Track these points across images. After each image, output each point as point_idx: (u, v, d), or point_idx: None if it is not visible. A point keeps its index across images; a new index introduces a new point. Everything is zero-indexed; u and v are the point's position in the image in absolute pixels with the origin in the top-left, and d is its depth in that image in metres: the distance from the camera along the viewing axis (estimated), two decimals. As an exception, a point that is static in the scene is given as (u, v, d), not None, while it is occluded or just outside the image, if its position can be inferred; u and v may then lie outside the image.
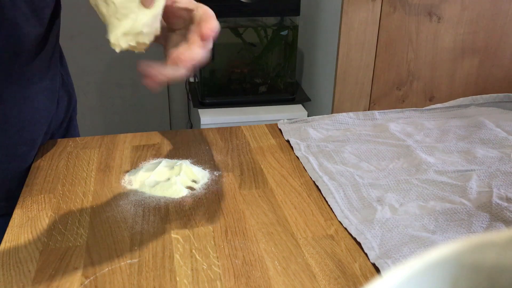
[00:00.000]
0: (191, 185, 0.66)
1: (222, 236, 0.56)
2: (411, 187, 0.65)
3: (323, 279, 0.50)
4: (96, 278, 0.50)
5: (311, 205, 0.62)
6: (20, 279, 0.49)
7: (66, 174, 0.68)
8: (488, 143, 0.77)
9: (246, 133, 0.81)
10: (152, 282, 0.49)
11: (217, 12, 0.54)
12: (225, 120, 1.69)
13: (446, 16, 1.57)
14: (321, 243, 0.55)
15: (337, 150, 0.74)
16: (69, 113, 0.85)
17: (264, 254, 0.53)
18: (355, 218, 0.59)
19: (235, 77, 1.83)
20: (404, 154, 0.73)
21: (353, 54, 1.57)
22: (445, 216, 0.59)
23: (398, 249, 0.53)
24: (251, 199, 0.63)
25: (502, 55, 1.67)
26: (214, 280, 0.50)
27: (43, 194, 0.64)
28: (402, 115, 0.87)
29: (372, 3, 1.51)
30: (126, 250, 0.54)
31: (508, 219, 0.58)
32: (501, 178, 0.66)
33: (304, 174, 0.69)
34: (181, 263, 0.52)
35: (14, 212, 0.60)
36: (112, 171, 0.69)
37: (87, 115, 2.13)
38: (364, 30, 1.55)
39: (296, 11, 1.72)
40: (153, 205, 0.62)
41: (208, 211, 0.61)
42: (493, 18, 1.60)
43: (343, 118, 0.84)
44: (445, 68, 1.65)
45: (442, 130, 0.81)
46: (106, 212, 0.60)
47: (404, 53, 1.61)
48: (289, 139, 0.78)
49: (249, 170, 0.70)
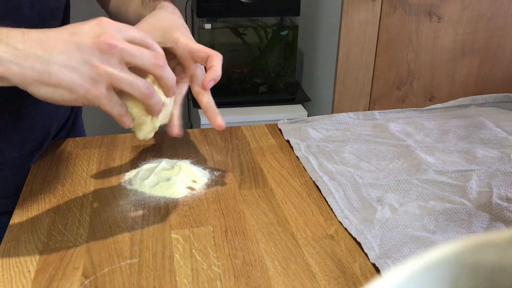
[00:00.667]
0: (191, 185, 0.66)
1: (222, 236, 0.56)
2: (411, 187, 0.65)
3: (323, 279, 0.50)
4: (96, 278, 0.50)
5: (311, 205, 0.62)
6: (20, 279, 0.49)
7: (66, 174, 0.68)
8: (488, 143, 0.77)
9: (246, 133, 0.81)
10: (152, 282, 0.49)
11: (217, 12, 0.56)
12: (225, 120, 1.69)
13: (446, 16, 1.57)
14: (321, 243, 0.55)
15: (337, 150, 0.74)
16: (74, 111, 0.86)
17: (264, 254, 0.53)
18: (355, 218, 0.59)
19: (235, 77, 1.83)
20: (404, 154, 0.73)
21: (353, 54, 1.57)
22: (445, 216, 0.59)
23: (398, 249, 0.53)
24: (251, 199, 0.63)
25: (502, 55, 1.67)
26: (214, 280, 0.50)
27: (43, 194, 0.64)
28: (402, 115, 0.87)
29: (372, 3, 1.51)
30: (126, 250, 0.54)
31: (508, 219, 0.58)
32: (501, 178, 0.66)
33: (304, 174, 0.69)
34: (181, 263, 0.52)
35: (14, 212, 0.60)
36: (112, 171, 0.69)
37: (87, 115, 2.12)
38: (364, 30, 1.55)
39: (296, 11, 1.72)
40: (153, 205, 0.62)
41: (208, 211, 0.61)
42: (493, 18, 1.60)
43: (343, 118, 0.84)
44: (445, 68, 1.65)
45: (442, 130, 0.81)
46: (106, 212, 0.60)
47: (404, 53, 1.61)
48: (289, 139, 0.78)
49: (249, 170, 0.70)
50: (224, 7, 1.66)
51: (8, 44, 0.47)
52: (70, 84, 0.48)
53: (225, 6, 1.66)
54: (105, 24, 0.49)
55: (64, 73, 0.47)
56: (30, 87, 0.48)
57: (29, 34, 0.48)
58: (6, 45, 0.47)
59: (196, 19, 1.72)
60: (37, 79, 0.47)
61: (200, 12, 1.66)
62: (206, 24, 1.68)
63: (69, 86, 0.48)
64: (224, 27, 1.75)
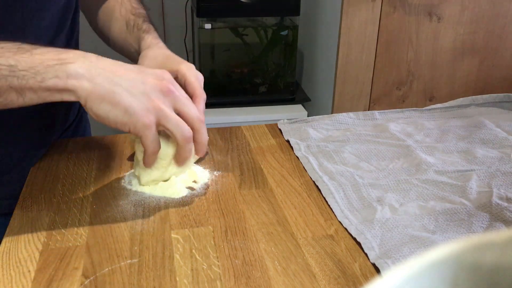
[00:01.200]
0: (191, 185, 0.66)
1: (222, 236, 0.56)
2: (411, 187, 0.65)
3: (323, 279, 0.50)
4: (96, 278, 0.50)
5: (311, 205, 0.62)
6: (20, 279, 0.49)
7: (66, 174, 0.68)
8: (488, 143, 0.77)
9: (246, 133, 0.81)
10: (152, 282, 0.49)
11: (217, 12, 0.58)
12: (225, 120, 1.69)
13: (446, 16, 1.57)
14: (321, 243, 0.55)
15: (337, 150, 0.74)
16: (80, 112, 0.88)
17: (264, 254, 0.53)
18: (355, 218, 0.59)
19: (235, 77, 1.83)
20: (404, 154, 0.73)
21: (353, 54, 1.57)
22: (445, 216, 0.59)
23: (398, 249, 0.53)
24: (251, 199, 0.63)
25: (502, 55, 1.67)
26: (214, 280, 0.50)
27: (43, 194, 0.64)
28: (402, 115, 0.87)
29: (372, 3, 1.51)
30: (126, 250, 0.54)
31: (508, 219, 0.58)
32: (501, 178, 0.66)
33: (304, 174, 0.69)
34: (181, 263, 0.52)
35: (14, 212, 0.60)
36: (112, 171, 0.69)
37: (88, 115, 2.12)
38: (364, 30, 1.55)
39: (296, 11, 1.72)
40: (153, 205, 0.62)
41: (208, 211, 0.61)
42: (493, 18, 1.60)
43: (343, 118, 0.84)
44: (445, 68, 1.65)
45: (442, 130, 0.81)
46: (106, 212, 0.60)
47: (404, 53, 1.61)
48: (289, 139, 0.78)
49: (249, 170, 0.70)
50: (224, 7, 1.66)
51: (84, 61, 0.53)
52: (128, 106, 0.54)
53: (225, 6, 1.66)
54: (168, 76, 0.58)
55: (126, 96, 0.54)
56: (91, 103, 0.53)
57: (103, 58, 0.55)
58: (83, 62, 0.53)
59: (196, 19, 1.72)
60: (101, 95, 0.53)
61: (200, 12, 1.66)
62: (206, 24, 1.68)
63: (126, 107, 0.53)
64: (224, 27, 1.75)
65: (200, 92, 0.66)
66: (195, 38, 1.94)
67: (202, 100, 0.66)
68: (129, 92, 0.54)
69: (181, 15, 2.09)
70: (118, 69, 0.55)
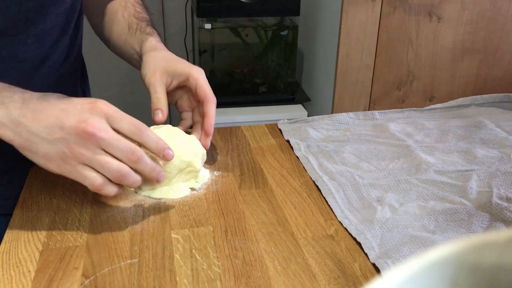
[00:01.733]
0: (191, 185, 0.66)
1: (222, 236, 0.56)
2: (411, 187, 0.65)
3: (323, 279, 0.50)
4: (96, 278, 0.50)
5: (311, 205, 0.62)
6: (20, 279, 0.49)
7: (66, 174, 0.68)
8: (488, 143, 0.77)
9: (246, 133, 0.81)
10: (152, 282, 0.49)
11: (217, 12, 0.57)
12: (225, 120, 1.69)
13: (446, 16, 1.57)
14: (321, 243, 0.55)
15: (337, 150, 0.74)
16: None
17: (264, 254, 0.53)
18: (355, 218, 0.59)
19: (235, 77, 1.83)
20: (404, 154, 0.73)
21: (353, 54, 1.57)
22: (445, 216, 0.59)
23: (398, 249, 0.53)
24: (251, 199, 0.63)
25: (502, 55, 1.66)
26: (214, 280, 0.50)
27: (43, 194, 0.64)
28: (402, 115, 0.87)
29: (372, 3, 1.51)
30: (126, 250, 0.54)
31: (508, 219, 0.58)
32: (501, 178, 0.66)
33: (304, 174, 0.69)
34: (181, 263, 0.52)
35: (14, 212, 0.60)
36: (112, 171, 0.69)
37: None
38: (364, 30, 1.55)
39: (296, 11, 1.72)
40: (153, 205, 0.62)
41: (208, 211, 0.61)
42: (493, 18, 1.60)
43: (343, 118, 0.84)
44: (445, 68, 1.65)
45: (442, 130, 0.81)
46: (106, 212, 0.60)
47: (404, 53, 1.61)
48: (289, 139, 0.77)
49: (249, 170, 0.70)
50: (224, 7, 1.66)
51: (7, 109, 0.54)
52: (46, 154, 0.54)
53: (225, 6, 1.66)
54: (97, 110, 0.54)
55: (42, 144, 0.54)
56: (19, 149, 0.55)
57: (27, 103, 0.54)
58: (5, 110, 0.54)
59: (196, 19, 1.72)
60: (21, 144, 0.54)
61: (200, 12, 1.66)
62: (206, 24, 1.68)
63: (44, 155, 0.54)
64: (224, 27, 1.75)
65: (211, 96, 0.68)
66: (195, 38, 1.94)
67: (213, 104, 0.68)
68: (46, 140, 0.54)
69: (181, 15, 2.09)
70: (39, 113, 0.54)
